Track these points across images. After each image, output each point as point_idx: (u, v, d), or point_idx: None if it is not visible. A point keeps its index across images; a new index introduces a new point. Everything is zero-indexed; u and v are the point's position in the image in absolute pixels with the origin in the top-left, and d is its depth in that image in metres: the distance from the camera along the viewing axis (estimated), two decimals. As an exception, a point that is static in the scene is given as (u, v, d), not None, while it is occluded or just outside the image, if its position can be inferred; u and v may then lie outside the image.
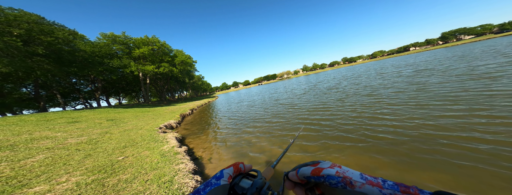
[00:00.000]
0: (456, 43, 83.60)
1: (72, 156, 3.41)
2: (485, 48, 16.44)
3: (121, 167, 2.89)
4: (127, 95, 36.70)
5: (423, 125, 3.07)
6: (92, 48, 18.61)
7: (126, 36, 23.37)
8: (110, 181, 2.43)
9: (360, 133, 3.28)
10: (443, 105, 3.80)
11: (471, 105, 3.50)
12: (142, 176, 2.54)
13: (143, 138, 4.87)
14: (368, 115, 4.24)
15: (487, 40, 43.33)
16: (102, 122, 7.67)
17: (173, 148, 3.79)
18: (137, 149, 3.89)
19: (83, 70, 16.28)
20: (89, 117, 8.73)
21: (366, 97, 6.22)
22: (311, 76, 47.09)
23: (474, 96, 3.95)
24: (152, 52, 24.04)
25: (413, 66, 12.91)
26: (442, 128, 2.82)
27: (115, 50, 22.59)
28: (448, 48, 39.04)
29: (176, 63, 27.44)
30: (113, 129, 6.19)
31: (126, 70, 21.23)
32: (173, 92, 46.58)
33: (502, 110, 3.00)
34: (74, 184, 2.34)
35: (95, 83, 23.09)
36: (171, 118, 9.56)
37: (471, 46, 24.28)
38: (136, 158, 3.29)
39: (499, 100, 3.43)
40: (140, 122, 8.01)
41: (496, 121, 2.68)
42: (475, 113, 3.09)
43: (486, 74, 5.70)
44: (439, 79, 6.47)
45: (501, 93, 3.82)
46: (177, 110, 14.30)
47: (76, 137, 4.90)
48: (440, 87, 5.37)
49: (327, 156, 2.75)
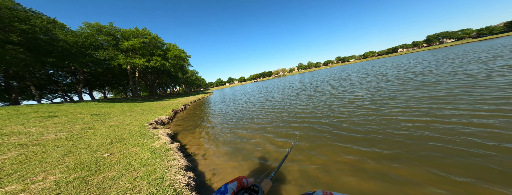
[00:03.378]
0: (439, 46, 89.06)
1: (49, 153, 3.13)
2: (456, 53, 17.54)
3: (107, 164, 2.70)
4: (114, 89, 34.66)
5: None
6: (75, 38, 17.16)
7: (114, 27, 21.87)
8: (95, 179, 2.26)
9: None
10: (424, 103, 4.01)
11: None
12: (130, 174, 2.39)
13: (132, 134, 4.62)
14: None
15: (465, 44, 46.65)
16: (85, 116, 7.16)
17: (165, 145, 3.63)
18: (125, 145, 3.67)
19: (63, 61, 15.08)
20: (69, 111, 8.10)
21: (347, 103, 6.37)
22: (306, 74, 47.74)
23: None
24: (143, 45, 22.83)
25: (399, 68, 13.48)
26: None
27: (101, 41, 21.04)
28: (431, 51, 41.43)
29: (168, 57, 26.33)
30: (97, 125, 5.80)
31: (113, 63, 19.94)
32: (164, 87, 44.85)
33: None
34: (53, 183, 2.14)
35: (77, 75, 21.44)
36: (163, 113, 9.20)
37: (450, 50, 25.99)
38: (124, 155, 3.10)
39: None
40: (128, 117, 7.60)
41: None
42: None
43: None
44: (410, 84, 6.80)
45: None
46: (169, 106, 13.80)
47: (54, 132, 4.50)
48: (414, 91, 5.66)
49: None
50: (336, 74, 21.65)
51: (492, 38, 58.42)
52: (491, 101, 3.43)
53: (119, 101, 16.31)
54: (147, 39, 23.33)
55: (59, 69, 19.55)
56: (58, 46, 14.69)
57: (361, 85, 8.53)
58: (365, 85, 8.25)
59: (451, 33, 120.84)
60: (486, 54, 11.82)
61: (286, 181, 2.25)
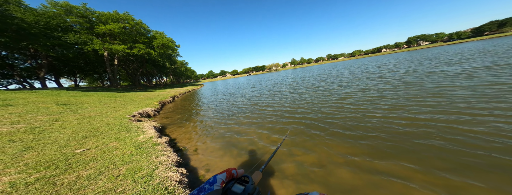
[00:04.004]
0: (416, 48, 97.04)
1: (3, 149, 2.58)
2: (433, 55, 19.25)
3: (81, 162, 2.31)
4: (87, 77, 31.00)
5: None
6: (36, 17, 14.48)
7: (88, 9, 19.10)
8: (65, 179, 1.90)
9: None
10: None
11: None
12: (111, 171, 2.07)
13: (111, 127, 4.11)
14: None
15: (437, 47, 51.49)
16: (50, 106, 6.20)
17: (152, 139, 3.28)
18: (103, 139, 3.23)
19: (18, 41, 12.79)
20: (29, 100, 6.95)
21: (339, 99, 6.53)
22: (298, 70, 48.20)
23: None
24: (124, 30, 20.48)
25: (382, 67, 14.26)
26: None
27: (71, 23, 18.19)
28: (410, 52, 44.86)
29: (154, 45, 24.09)
30: (66, 116, 5.05)
31: (88, 47, 17.50)
32: (149, 77, 41.55)
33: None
34: (7, 185, 1.74)
35: (38, 58, 18.46)
36: (148, 105, 8.47)
37: (425, 52, 28.42)
38: (102, 151, 2.70)
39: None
40: (106, 109, 6.82)
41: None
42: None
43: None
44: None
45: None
46: (155, 97, 12.82)
47: (9, 124, 3.78)
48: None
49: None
50: (326, 71, 22.25)
51: (460, 43, 65.44)
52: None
53: (94, 90, 14.65)
54: (129, 25, 20.99)
55: (14, 51, 16.53)
56: (12, 24, 12.41)
57: (349, 83, 8.78)
58: (353, 83, 8.54)
59: (427, 36, 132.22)
60: (455, 56, 13.08)
61: (275, 173, 2.19)
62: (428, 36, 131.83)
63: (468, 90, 4.26)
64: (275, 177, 2.13)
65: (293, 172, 2.18)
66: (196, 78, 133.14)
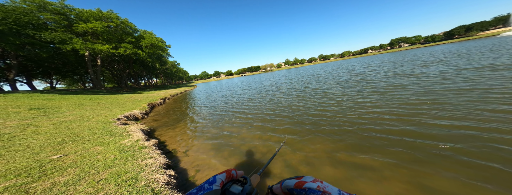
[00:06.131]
0: (398, 49, 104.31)
1: (-35, 158, 2.33)
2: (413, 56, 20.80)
3: (57, 168, 2.16)
4: (66, 78, 28.66)
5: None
6: (4, 14, 13.08)
7: (65, 5, 17.72)
8: (39, 186, 1.77)
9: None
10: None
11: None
12: (91, 176, 1.97)
13: (92, 131, 3.87)
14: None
15: (415, 48, 55.89)
16: (21, 111, 5.67)
17: (138, 142, 3.15)
18: (83, 144, 3.04)
19: None
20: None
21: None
22: (292, 70, 48.90)
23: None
24: (108, 29, 19.27)
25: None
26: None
27: (45, 20, 16.69)
28: (393, 53, 47.99)
29: (142, 45, 22.95)
30: (40, 121, 4.66)
31: (66, 47, 16.14)
32: (138, 78, 39.39)
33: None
34: (-30, 197, 1.58)
35: (6, 58, 16.72)
36: (135, 107, 8.08)
37: (406, 52, 30.69)
38: (82, 156, 2.55)
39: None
40: (88, 112, 6.39)
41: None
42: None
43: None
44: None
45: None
46: (143, 99, 12.25)
47: (-27, 132, 3.40)
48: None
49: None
50: (318, 72, 22.91)
51: (434, 45, 72.46)
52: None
53: (74, 93, 13.61)
54: (113, 24, 19.81)
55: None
56: (-27, 20, 11.09)
57: (342, 84, 9.17)
58: (343, 85, 8.91)
59: (408, 39, 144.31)
60: (430, 57, 14.28)
61: (272, 174, 2.23)
62: (408, 39, 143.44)
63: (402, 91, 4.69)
64: (268, 177, 2.17)
65: (282, 169, 2.24)
66: (189, 79, 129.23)
